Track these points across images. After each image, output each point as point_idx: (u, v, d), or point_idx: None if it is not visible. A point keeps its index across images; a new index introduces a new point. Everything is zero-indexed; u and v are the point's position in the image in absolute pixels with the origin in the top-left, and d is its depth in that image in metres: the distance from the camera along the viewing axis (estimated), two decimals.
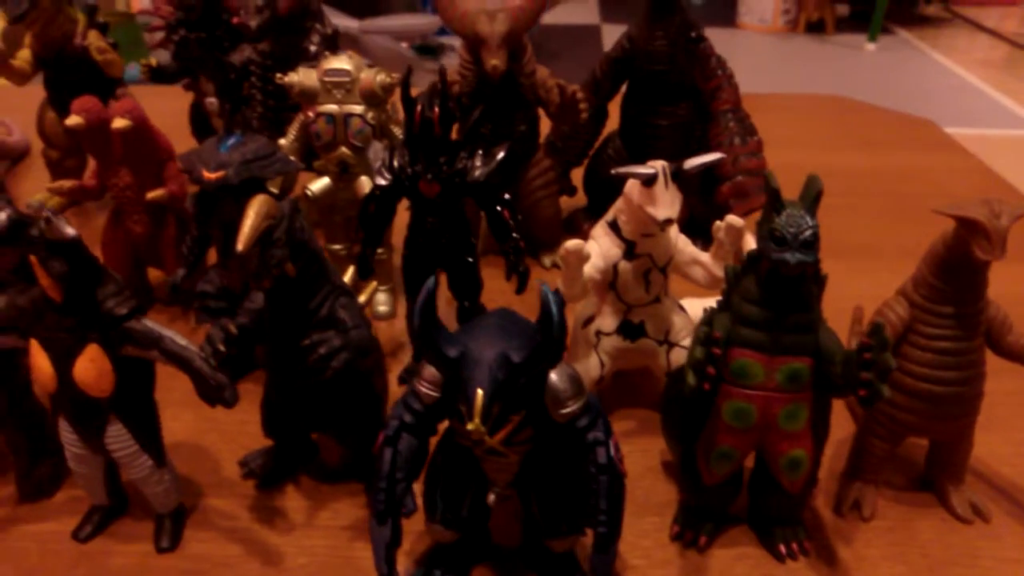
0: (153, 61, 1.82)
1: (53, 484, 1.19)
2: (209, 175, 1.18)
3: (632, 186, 1.11)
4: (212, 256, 1.37)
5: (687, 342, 1.23)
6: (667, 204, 1.09)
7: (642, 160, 1.70)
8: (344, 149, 1.43)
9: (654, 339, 1.23)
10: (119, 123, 1.33)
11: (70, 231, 0.88)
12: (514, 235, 1.23)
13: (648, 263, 1.18)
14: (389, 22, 4.51)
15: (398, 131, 1.44)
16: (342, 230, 1.52)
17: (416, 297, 1.30)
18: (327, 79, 1.39)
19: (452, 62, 4.56)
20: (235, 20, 1.47)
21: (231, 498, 1.17)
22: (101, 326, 0.95)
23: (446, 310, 1.39)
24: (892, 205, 1.98)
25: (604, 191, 1.79)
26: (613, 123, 1.78)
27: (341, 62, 1.39)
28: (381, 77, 1.39)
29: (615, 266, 1.18)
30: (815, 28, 6.08)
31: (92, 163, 1.45)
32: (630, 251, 1.17)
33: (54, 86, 1.84)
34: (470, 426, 0.79)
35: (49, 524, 1.14)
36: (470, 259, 1.28)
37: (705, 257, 1.18)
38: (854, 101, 2.72)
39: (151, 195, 1.37)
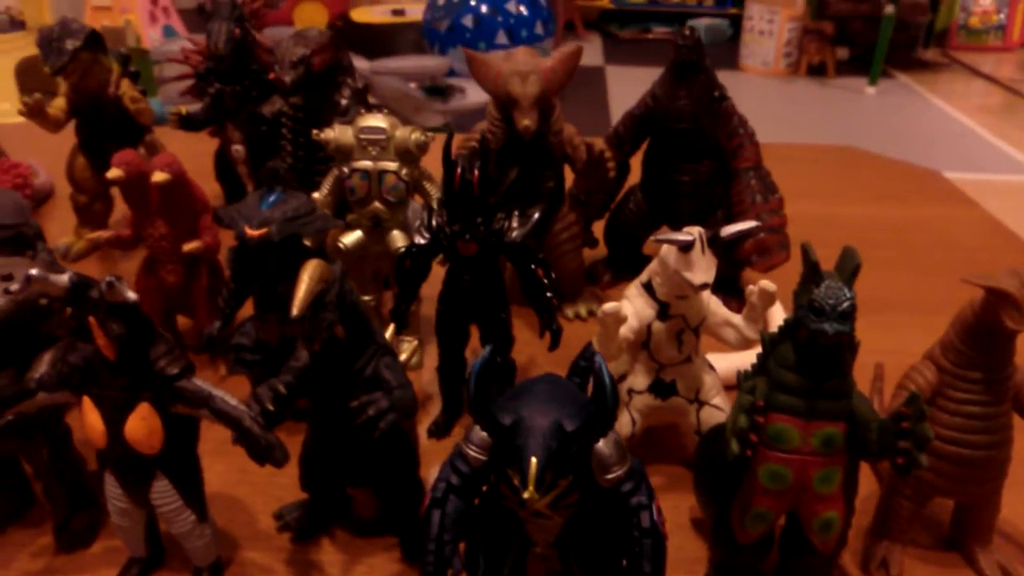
0: (183, 109, 1.85)
1: (90, 534, 1.20)
2: (252, 232, 1.21)
3: (669, 251, 1.14)
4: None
5: (717, 400, 1.26)
6: (703, 269, 1.12)
7: (664, 215, 1.75)
8: (377, 204, 1.46)
9: (685, 397, 1.25)
10: (159, 177, 1.36)
11: (132, 295, 0.90)
12: (548, 294, 1.26)
13: (681, 324, 1.20)
14: (399, 63, 4.58)
15: (431, 187, 1.47)
16: (371, 282, 1.55)
17: (449, 350, 1.34)
18: (363, 136, 1.42)
19: (459, 104, 4.63)
20: (271, 75, 1.50)
21: (267, 551, 1.18)
22: (153, 385, 0.97)
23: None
24: (902, 257, 2.01)
25: (624, 243, 1.83)
26: (634, 177, 1.82)
27: (377, 120, 1.43)
28: (416, 136, 1.42)
29: (649, 326, 1.20)
30: (816, 71, 6.18)
31: (127, 212, 1.47)
32: (664, 312, 1.19)
33: (85, 132, 1.87)
34: (525, 494, 0.81)
35: (87, 575, 1.15)
36: (503, 315, 1.31)
37: (737, 319, 1.20)
38: (860, 151, 2.77)
39: (188, 247, 1.40)
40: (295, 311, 0.94)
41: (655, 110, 1.68)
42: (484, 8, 5.24)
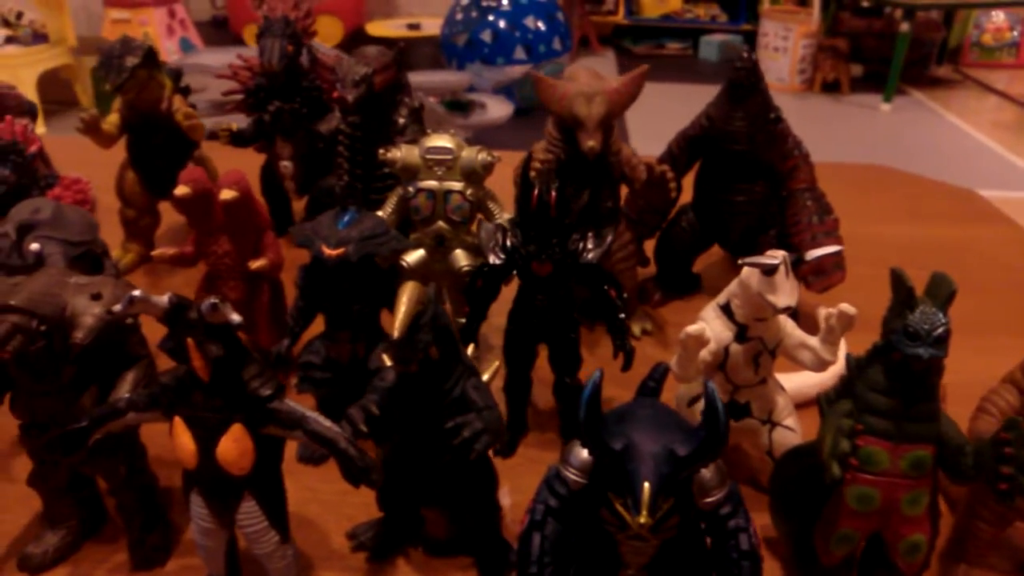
0: (234, 126, 1.86)
1: (165, 552, 1.20)
2: (330, 251, 1.21)
3: (751, 273, 1.14)
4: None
5: (789, 421, 1.26)
6: (787, 293, 1.12)
7: (716, 235, 1.76)
8: (442, 223, 1.46)
9: (758, 419, 1.25)
10: (228, 195, 1.36)
11: (236, 317, 0.90)
12: (620, 315, 1.26)
13: (759, 346, 1.20)
14: (420, 78, 4.60)
15: (495, 207, 1.47)
16: None
17: (516, 370, 1.34)
18: (429, 156, 1.43)
19: (480, 119, 4.63)
20: (335, 94, 1.51)
21: (343, 571, 1.18)
22: (246, 406, 0.97)
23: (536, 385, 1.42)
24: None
25: (675, 262, 1.83)
26: (685, 196, 1.82)
27: (443, 140, 1.43)
28: (483, 156, 1.43)
29: (726, 348, 1.20)
30: (830, 88, 6.21)
31: (174, 227, 1.47)
32: (742, 334, 1.20)
33: (136, 148, 1.88)
34: (641, 519, 0.81)
35: None
36: (573, 335, 1.31)
37: (814, 341, 1.20)
38: (891, 169, 2.78)
39: (255, 265, 1.40)
40: (397, 333, 0.94)
41: (710, 131, 1.69)
42: (502, 23, 5.27)
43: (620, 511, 0.90)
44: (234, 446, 0.97)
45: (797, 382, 1.42)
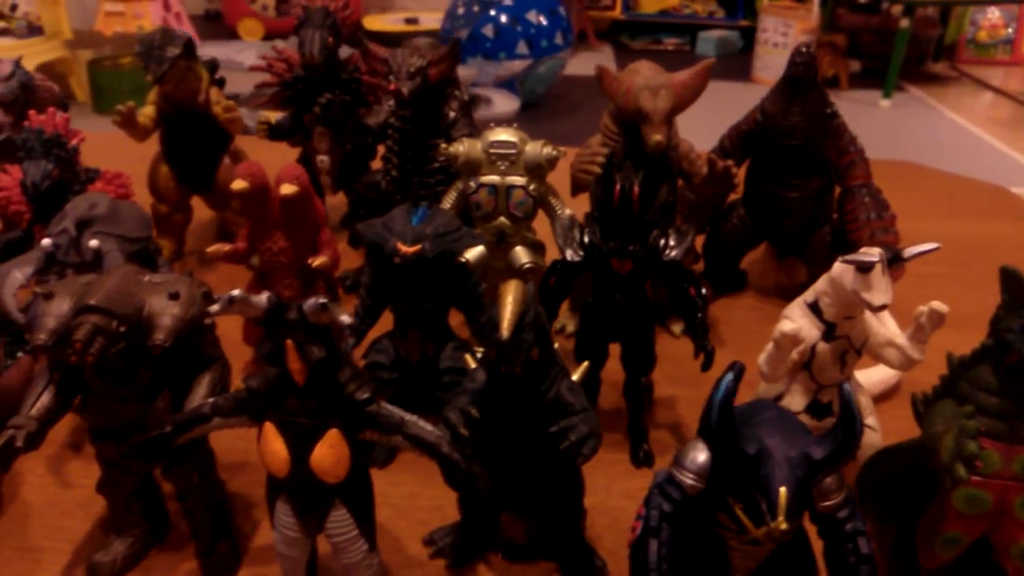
0: (272, 118, 1.81)
1: (235, 561, 1.16)
2: (406, 248, 1.17)
3: (845, 271, 1.11)
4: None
5: (870, 420, 1.24)
6: (882, 290, 1.09)
7: (768, 231, 1.73)
8: (503, 219, 1.43)
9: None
10: (287, 189, 1.31)
11: (345, 319, 0.86)
12: (700, 314, 1.23)
13: (846, 344, 1.18)
14: None
15: (556, 203, 1.44)
16: (491, 298, 1.51)
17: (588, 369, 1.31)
18: (492, 151, 1.39)
19: (486, 114, 4.58)
20: (392, 86, 1.46)
21: None
22: (342, 411, 0.93)
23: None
24: (990, 273, 1.99)
25: (725, 258, 1.81)
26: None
27: (507, 134, 1.39)
28: (547, 150, 1.39)
29: (813, 347, 1.18)
30: (829, 84, 6.20)
31: (204, 223, 1.43)
32: (830, 333, 1.17)
33: (170, 141, 1.82)
34: (781, 524, 0.78)
35: None
36: (648, 334, 1.28)
37: (901, 340, 1.18)
38: (921, 166, 2.77)
39: (317, 262, 1.36)
40: (505, 333, 0.91)
41: (765, 125, 1.66)
42: (504, 18, 5.22)
43: (740, 516, 0.87)
44: (330, 452, 0.92)
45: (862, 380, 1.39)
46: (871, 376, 1.37)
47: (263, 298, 0.87)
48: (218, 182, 1.85)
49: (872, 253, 1.10)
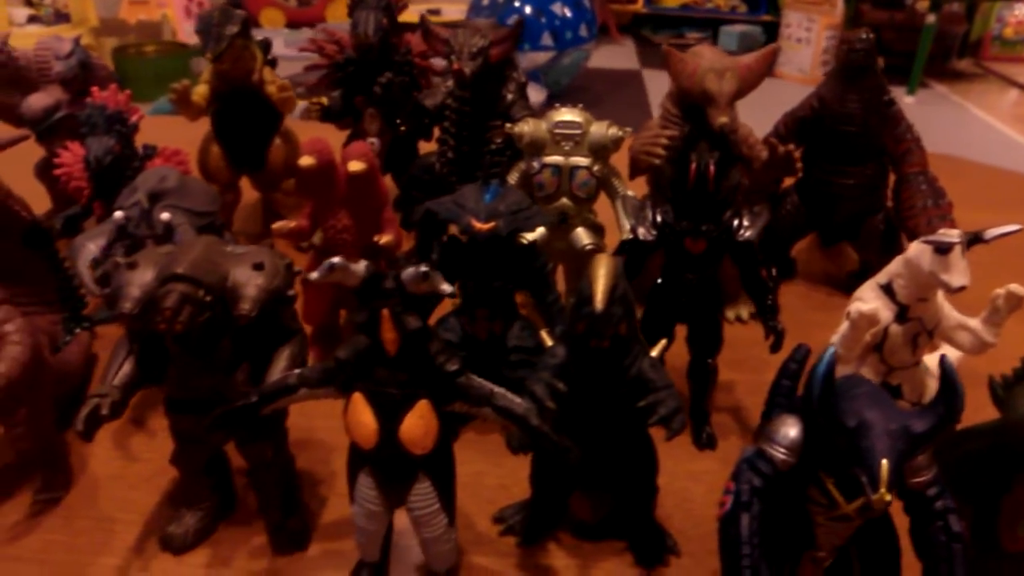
0: (324, 100, 1.81)
1: (305, 536, 1.16)
2: (481, 225, 1.17)
3: (922, 252, 1.11)
4: None
5: None
6: (961, 271, 1.09)
7: (822, 217, 1.72)
8: (566, 200, 1.43)
9: (909, 401, 1.23)
10: (356, 166, 1.31)
11: (446, 287, 0.86)
12: (771, 295, 1.23)
13: (918, 327, 1.17)
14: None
15: (618, 184, 1.43)
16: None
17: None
18: (557, 131, 1.39)
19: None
20: (455, 66, 1.46)
21: (494, 556, 1.14)
22: (432, 382, 0.93)
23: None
24: None
25: (777, 245, 1.80)
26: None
27: (572, 114, 1.39)
28: (613, 131, 1.39)
29: (885, 329, 1.17)
30: None
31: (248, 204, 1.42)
32: (902, 315, 1.17)
33: (221, 121, 1.82)
34: (879, 496, 0.78)
35: None
36: (717, 314, 1.28)
37: (975, 323, 1.18)
38: (967, 160, 2.76)
39: (383, 240, 1.36)
40: (599, 306, 0.90)
41: (821, 112, 1.66)
42: (528, 10, 5.19)
43: (831, 490, 0.87)
44: (420, 423, 0.92)
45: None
46: (935, 360, 1.36)
47: (361, 266, 0.87)
48: (269, 163, 1.85)
49: (951, 234, 1.09)
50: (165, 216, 1.22)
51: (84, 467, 1.28)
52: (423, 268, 0.84)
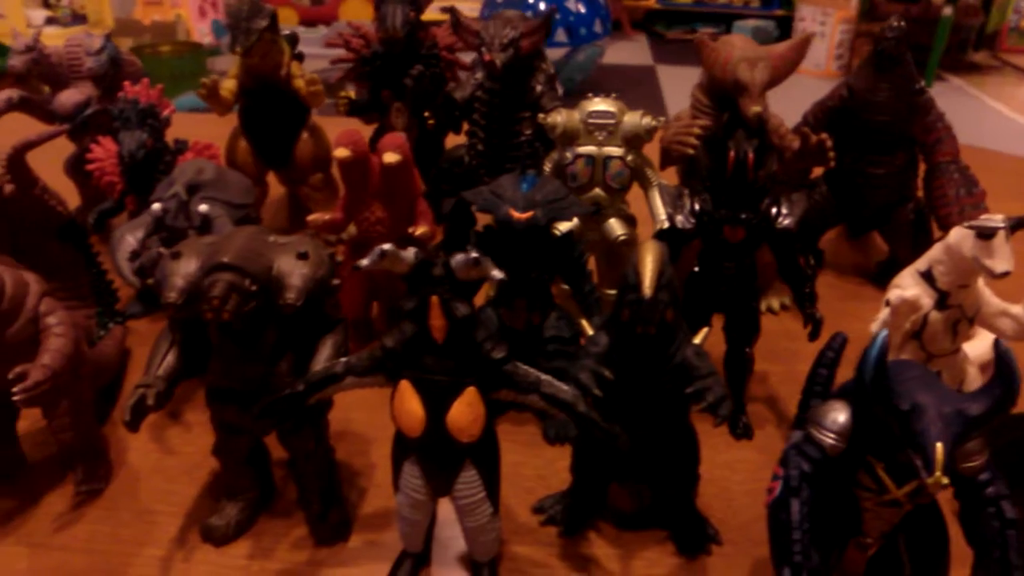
0: (351, 94, 1.81)
1: (346, 528, 1.16)
2: (519, 215, 1.17)
3: (965, 237, 1.10)
4: None
5: None
6: (1005, 257, 1.08)
7: (852, 207, 1.72)
8: (599, 191, 1.42)
9: None
10: (391, 158, 1.31)
11: (498, 273, 0.86)
12: (809, 284, 1.22)
13: (958, 314, 1.17)
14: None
15: (652, 174, 1.43)
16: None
17: None
18: (591, 121, 1.39)
19: None
20: (487, 57, 1.46)
21: (535, 545, 1.14)
22: (479, 369, 0.93)
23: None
24: None
25: (806, 235, 1.79)
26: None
27: (606, 104, 1.39)
28: (647, 120, 1.38)
29: (925, 316, 1.17)
30: None
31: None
32: (942, 301, 1.16)
33: (249, 115, 1.83)
34: (934, 479, 0.78)
35: (350, 569, 1.11)
36: (754, 303, 1.27)
37: (1017, 310, 1.17)
38: (998, 152, 2.74)
39: (419, 232, 1.36)
40: (648, 291, 0.90)
41: (851, 102, 1.65)
42: (543, 6, 5.19)
43: (881, 475, 0.87)
44: (467, 411, 0.92)
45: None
46: (977, 347, 1.35)
47: (411, 252, 0.87)
48: (296, 157, 1.85)
49: (995, 219, 1.09)
50: (203, 208, 1.23)
51: (123, 460, 1.28)
52: (474, 254, 0.84)
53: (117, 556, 1.11)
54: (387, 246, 0.86)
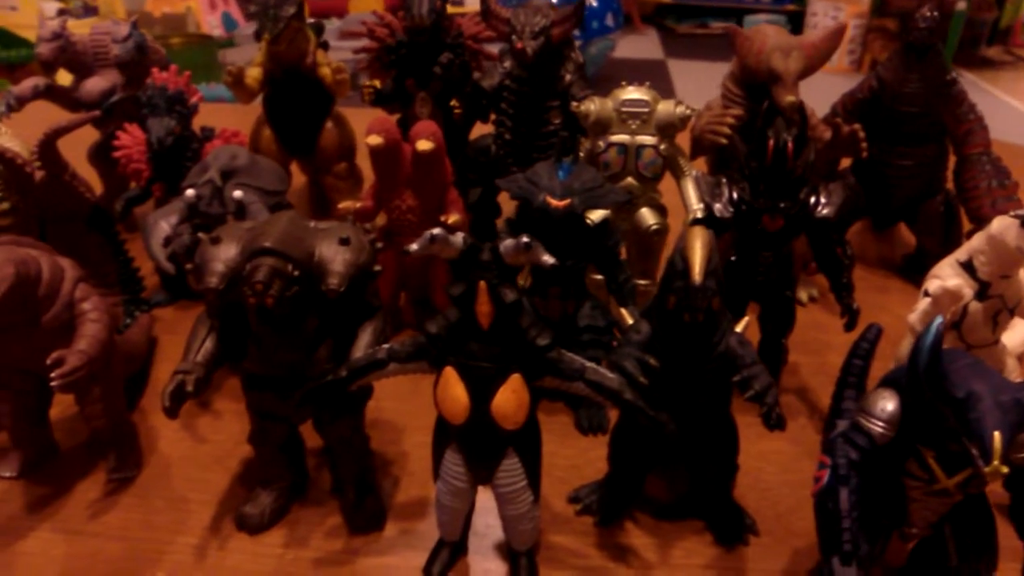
0: (377, 83, 1.80)
1: (381, 517, 1.15)
2: (557, 203, 1.16)
3: (1008, 227, 1.09)
4: None
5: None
6: None
7: (880, 198, 1.70)
8: (631, 180, 1.42)
9: None
10: (424, 145, 1.31)
11: (549, 258, 0.85)
12: (846, 274, 1.21)
13: (999, 304, 1.16)
14: None
15: (684, 163, 1.42)
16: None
17: None
18: (624, 109, 1.38)
19: None
20: (519, 45, 1.45)
21: (572, 535, 1.14)
22: (524, 356, 0.92)
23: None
24: None
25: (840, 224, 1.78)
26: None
27: (639, 93, 1.38)
28: (681, 109, 1.37)
29: (965, 306, 1.16)
30: None
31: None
32: (983, 292, 1.15)
33: (273, 104, 1.82)
34: (992, 468, 0.77)
35: (386, 558, 1.10)
36: (790, 293, 1.26)
37: None
38: (1008, 143, 2.72)
39: (451, 220, 1.35)
40: (697, 278, 0.90)
41: (881, 92, 1.64)
42: None
43: (931, 464, 0.86)
44: (512, 397, 0.91)
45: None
46: (1014, 338, 1.35)
47: (459, 237, 0.87)
48: (320, 146, 1.85)
49: None
50: (238, 194, 1.22)
51: (154, 448, 1.28)
52: (524, 239, 0.83)
53: (152, 543, 1.11)
54: (436, 231, 0.85)
